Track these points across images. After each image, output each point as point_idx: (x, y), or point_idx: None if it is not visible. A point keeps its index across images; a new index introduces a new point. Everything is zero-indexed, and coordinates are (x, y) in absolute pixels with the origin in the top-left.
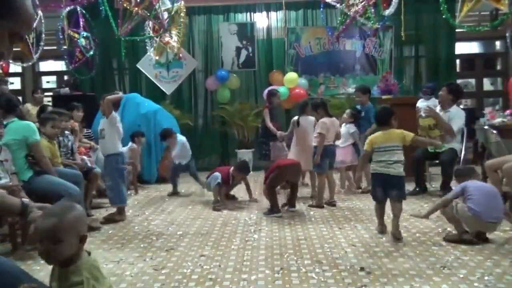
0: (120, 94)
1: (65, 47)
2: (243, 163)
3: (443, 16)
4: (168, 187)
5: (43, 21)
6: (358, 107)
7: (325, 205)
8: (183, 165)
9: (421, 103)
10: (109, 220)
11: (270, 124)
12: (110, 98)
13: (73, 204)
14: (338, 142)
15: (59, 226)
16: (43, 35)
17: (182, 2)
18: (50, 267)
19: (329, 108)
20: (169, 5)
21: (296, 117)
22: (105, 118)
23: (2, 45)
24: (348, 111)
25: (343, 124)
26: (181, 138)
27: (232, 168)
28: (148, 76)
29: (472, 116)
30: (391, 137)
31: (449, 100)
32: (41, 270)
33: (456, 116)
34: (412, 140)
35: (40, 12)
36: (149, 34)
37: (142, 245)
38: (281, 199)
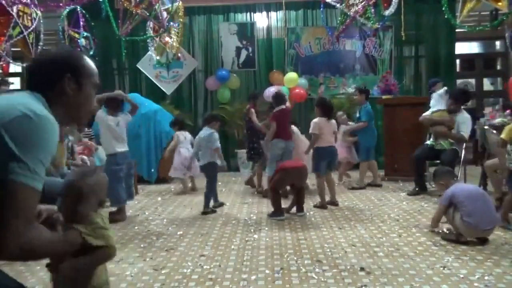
0: (116, 92)
1: None
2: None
3: (445, 16)
4: (167, 187)
5: (41, 21)
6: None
7: (328, 205)
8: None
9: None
10: (109, 219)
11: (258, 122)
12: (97, 97)
13: (99, 170)
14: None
15: (83, 186)
16: (42, 35)
17: (180, 2)
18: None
19: (327, 109)
20: (168, 4)
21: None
22: None
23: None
24: None
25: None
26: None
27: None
28: (148, 76)
29: (472, 116)
30: None
31: (457, 107)
32: (41, 270)
33: (464, 122)
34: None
35: (39, 12)
36: (149, 34)
37: (142, 245)
38: (287, 203)
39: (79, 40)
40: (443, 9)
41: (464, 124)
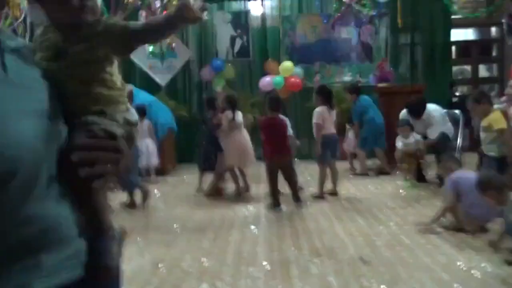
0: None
1: None
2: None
3: (443, 2)
4: (164, 180)
5: (27, 10)
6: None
7: (325, 195)
8: None
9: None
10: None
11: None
12: None
13: None
14: None
15: None
16: (28, 25)
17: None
18: None
19: (327, 97)
20: None
21: (229, 113)
22: None
23: None
24: None
25: None
26: None
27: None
28: (142, 67)
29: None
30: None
31: (417, 117)
32: None
33: (431, 121)
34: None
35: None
36: None
37: (139, 239)
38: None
39: None
40: None
41: (432, 127)
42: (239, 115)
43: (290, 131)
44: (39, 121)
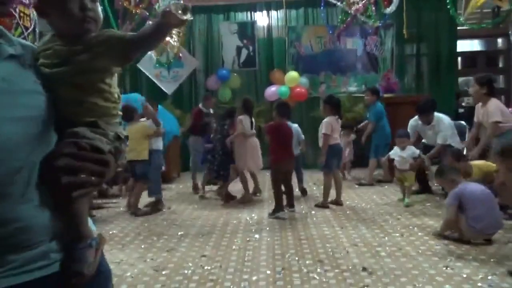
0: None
1: None
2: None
3: (447, 13)
4: (168, 187)
5: (37, 20)
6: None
7: (330, 205)
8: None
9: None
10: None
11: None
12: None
13: None
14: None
15: None
16: (37, 36)
17: (182, 2)
18: None
19: (336, 107)
20: None
21: (241, 116)
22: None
23: None
24: None
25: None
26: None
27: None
28: (149, 76)
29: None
30: None
31: (427, 119)
32: None
33: (441, 127)
34: None
35: (35, 12)
36: None
37: (142, 246)
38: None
39: None
40: (448, 7)
41: (441, 132)
42: (253, 121)
43: (302, 137)
44: (24, 127)
